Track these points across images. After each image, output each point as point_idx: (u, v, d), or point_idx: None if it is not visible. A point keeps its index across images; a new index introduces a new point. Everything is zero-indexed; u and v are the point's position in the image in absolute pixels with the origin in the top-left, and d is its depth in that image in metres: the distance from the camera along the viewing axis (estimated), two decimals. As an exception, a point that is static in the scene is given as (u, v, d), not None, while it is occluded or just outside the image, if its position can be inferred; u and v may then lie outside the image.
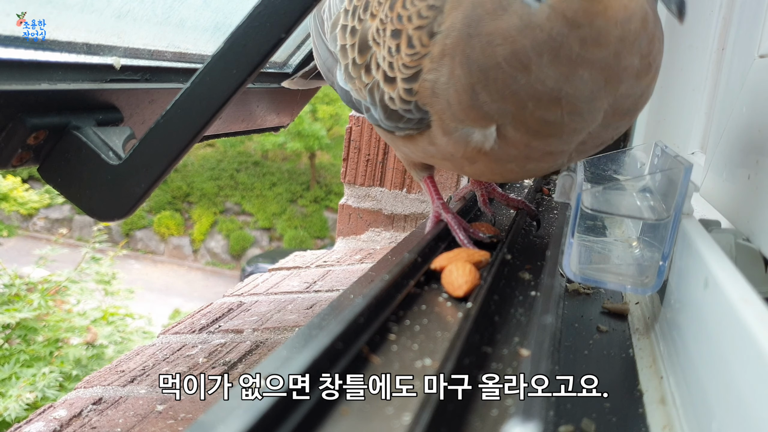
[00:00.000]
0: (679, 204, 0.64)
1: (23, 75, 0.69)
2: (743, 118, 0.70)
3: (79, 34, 0.80)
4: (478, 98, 0.61)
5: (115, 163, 0.71)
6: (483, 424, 0.40)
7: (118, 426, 0.76)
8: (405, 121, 0.69)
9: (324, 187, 11.66)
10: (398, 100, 0.68)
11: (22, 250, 6.21)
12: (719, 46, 0.98)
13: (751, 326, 0.38)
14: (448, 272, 0.64)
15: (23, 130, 0.67)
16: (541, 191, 1.22)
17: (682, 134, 1.08)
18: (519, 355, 0.49)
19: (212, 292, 8.37)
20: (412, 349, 0.47)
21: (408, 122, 0.69)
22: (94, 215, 0.73)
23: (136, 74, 0.86)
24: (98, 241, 4.05)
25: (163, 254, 10.61)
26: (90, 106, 0.76)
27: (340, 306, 0.50)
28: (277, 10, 0.66)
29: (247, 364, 0.93)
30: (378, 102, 0.71)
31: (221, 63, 0.68)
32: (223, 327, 1.09)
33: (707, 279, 0.49)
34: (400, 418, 0.37)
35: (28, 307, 3.21)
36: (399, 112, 0.68)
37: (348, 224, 1.70)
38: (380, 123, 0.74)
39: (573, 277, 0.69)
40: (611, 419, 0.51)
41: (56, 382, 2.81)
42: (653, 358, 0.63)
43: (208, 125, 0.70)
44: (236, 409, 0.33)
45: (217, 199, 11.23)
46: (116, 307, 3.84)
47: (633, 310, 0.77)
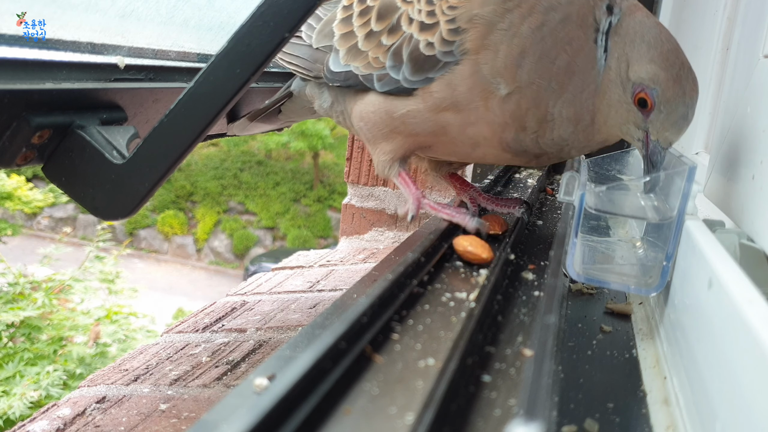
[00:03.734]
0: (683, 204, 0.64)
1: (27, 74, 0.69)
2: (747, 118, 0.70)
3: (83, 33, 0.80)
4: (523, 61, 0.69)
5: (119, 162, 0.71)
6: (486, 424, 0.40)
7: (121, 425, 0.76)
8: (439, 68, 0.74)
9: (327, 186, 11.67)
10: (439, 42, 0.73)
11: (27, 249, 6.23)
12: (724, 46, 0.97)
13: (755, 326, 0.38)
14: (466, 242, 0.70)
15: (27, 129, 0.67)
16: (544, 191, 1.22)
17: (686, 134, 1.08)
18: (522, 355, 0.49)
19: (215, 291, 8.38)
20: (415, 348, 0.47)
21: (442, 68, 0.74)
22: (98, 214, 0.74)
23: (140, 73, 0.87)
24: (102, 240, 4.05)
25: (167, 253, 10.63)
26: (94, 105, 0.76)
27: (343, 305, 0.50)
28: (281, 9, 0.66)
29: (251, 363, 0.94)
30: (407, 56, 0.77)
31: (225, 62, 0.68)
32: (227, 326, 1.09)
33: (711, 279, 0.49)
34: (403, 418, 0.37)
35: (32, 306, 3.22)
36: (437, 56, 0.74)
37: (351, 224, 1.70)
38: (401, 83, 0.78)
39: (576, 277, 0.69)
40: (614, 419, 0.51)
41: (60, 381, 2.81)
42: (657, 359, 0.63)
43: (212, 124, 0.70)
44: (239, 408, 0.33)
45: (220, 198, 11.24)
46: (120, 305, 3.84)
47: (636, 310, 0.77)
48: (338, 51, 0.85)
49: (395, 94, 0.79)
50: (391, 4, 0.80)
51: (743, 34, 0.82)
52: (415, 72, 0.76)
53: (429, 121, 0.78)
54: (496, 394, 0.43)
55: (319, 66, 0.89)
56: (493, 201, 0.91)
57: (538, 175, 1.32)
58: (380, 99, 0.81)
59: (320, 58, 0.89)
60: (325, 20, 0.89)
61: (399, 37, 0.78)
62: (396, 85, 0.79)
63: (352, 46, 0.83)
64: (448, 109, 0.75)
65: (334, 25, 0.87)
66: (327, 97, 0.92)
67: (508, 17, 0.70)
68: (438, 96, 0.75)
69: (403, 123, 0.80)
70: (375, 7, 0.82)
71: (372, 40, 0.81)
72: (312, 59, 0.90)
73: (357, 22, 0.83)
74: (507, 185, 1.22)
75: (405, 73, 0.77)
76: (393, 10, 0.80)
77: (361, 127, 0.85)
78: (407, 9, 0.78)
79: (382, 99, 0.81)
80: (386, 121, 0.81)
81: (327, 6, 0.92)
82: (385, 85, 0.80)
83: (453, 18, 0.72)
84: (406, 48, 0.77)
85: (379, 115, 0.82)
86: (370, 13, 0.82)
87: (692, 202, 0.65)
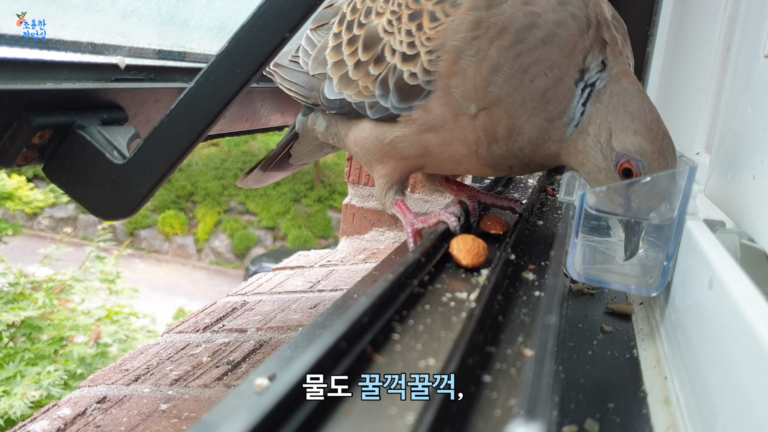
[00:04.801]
0: (684, 204, 0.64)
1: (28, 74, 0.70)
2: (748, 118, 0.70)
3: (84, 33, 0.80)
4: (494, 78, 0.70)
5: (120, 162, 0.71)
6: (486, 424, 0.40)
7: (122, 425, 0.76)
8: (424, 96, 0.76)
9: (328, 186, 11.66)
10: (422, 72, 0.75)
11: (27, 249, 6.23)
12: (724, 46, 0.97)
13: (756, 327, 0.38)
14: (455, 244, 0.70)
15: (28, 129, 0.67)
16: (545, 191, 1.22)
17: (686, 134, 1.08)
18: (523, 355, 0.49)
19: (216, 291, 8.37)
20: (415, 348, 0.47)
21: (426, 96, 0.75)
22: (99, 214, 0.74)
23: (141, 74, 0.87)
24: (103, 240, 4.05)
25: (167, 253, 10.62)
26: (95, 105, 0.76)
27: (343, 305, 0.50)
28: (282, 9, 0.66)
29: (251, 363, 0.94)
30: (393, 85, 0.78)
31: (225, 62, 0.68)
32: (227, 326, 1.09)
33: (712, 279, 0.49)
34: (404, 418, 0.37)
35: (32, 306, 3.21)
36: (420, 85, 0.75)
37: (352, 224, 1.70)
38: (390, 110, 0.80)
39: (577, 277, 0.69)
40: (615, 419, 0.51)
41: (61, 381, 2.81)
42: (657, 359, 0.63)
43: (213, 124, 0.70)
44: (240, 408, 0.33)
45: (221, 198, 11.23)
46: (120, 306, 3.84)
47: (637, 310, 0.77)
48: (332, 79, 0.87)
49: (384, 121, 0.82)
50: (374, 34, 0.81)
51: (744, 34, 0.82)
52: (401, 100, 0.78)
53: (414, 143, 0.80)
54: (496, 394, 0.43)
55: (316, 94, 0.91)
56: (492, 197, 0.92)
57: (538, 175, 1.32)
58: (371, 126, 0.84)
59: (316, 86, 0.91)
60: (318, 47, 0.91)
61: (384, 68, 0.80)
62: (386, 113, 0.81)
63: (344, 75, 0.85)
64: (428, 131, 0.78)
65: (327, 53, 0.88)
66: (322, 121, 0.95)
67: (475, 44, 0.71)
68: (418, 121, 0.78)
69: (393, 147, 0.82)
70: (361, 36, 0.83)
71: (361, 69, 0.83)
72: (309, 86, 0.92)
73: (346, 50, 0.85)
74: (507, 185, 1.22)
75: (393, 101, 0.79)
76: (377, 41, 0.81)
77: (357, 152, 0.88)
78: (389, 40, 0.80)
79: (373, 125, 0.84)
80: (377, 147, 0.84)
81: (321, 32, 0.93)
82: (376, 113, 0.82)
83: (431, 49, 0.74)
84: (392, 78, 0.79)
85: (371, 141, 0.84)
86: (357, 42, 0.84)
87: (693, 202, 0.65)
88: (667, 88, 1.36)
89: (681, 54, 1.24)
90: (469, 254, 0.68)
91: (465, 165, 0.82)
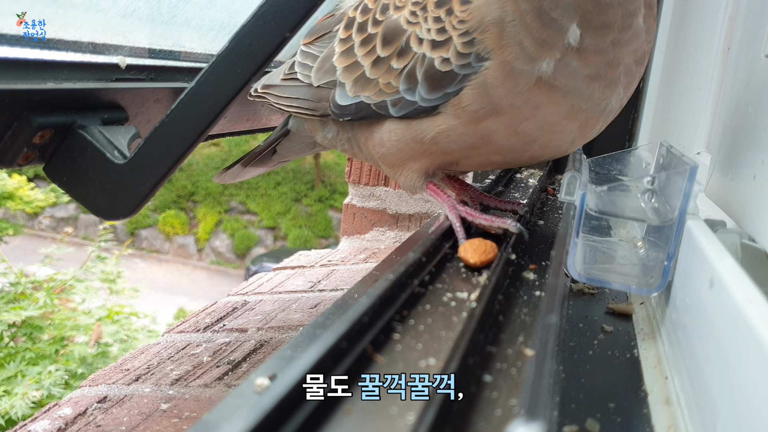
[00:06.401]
0: (684, 204, 0.64)
1: (29, 74, 0.70)
2: (749, 117, 0.70)
3: (85, 33, 0.80)
4: (550, 16, 0.68)
5: (121, 162, 0.71)
6: (487, 423, 0.40)
7: (122, 424, 0.76)
8: (458, 82, 0.73)
9: (329, 186, 11.67)
10: (455, 57, 0.73)
11: (28, 249, 6.24)
12: (725, 45, 0.97)
13: (757, 327, 0.38)
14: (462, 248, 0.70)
15: (29, 129, 0.67)
16: (545, 191, 1.22)
17: (687, 134, 1.08)
18: (523, 355, 0.49)
19: (217, 291, 8.38)
20: (416, 348, 0.47)
21: (461, 82, 0.73)
22: (100, 214, 0.74)
23: (142, 73, 0.87)
24: (103, 240, 4.05)
25: (168, 253, 10.63)
26: (95, 105, 0.76)
27: (344, 305, 0.50)
28: (282, 9, 0.66)
29: (252, 363, 0.94)
30: (422, 75, 0.76)
31: (226, 62, 0.68)
32: (228, 326, 1.09)
33: (712, 279, 0.49)
34: (404, 418, 0.37)
35: (33, 306, 3.22)
36: (454, 70, 0.73)
37: (352, 224, 1.70)
38: (419, 103, 0.77)
39: (578, 277, 0.69)
40: (616, 419, 0.51)
41: (62, 380, 2.82)
42: (658, 359, 0.63)
43: (213, 124, 0.70)
44: (240, 407, 0.33)
45: (221, 198, 11.24)
46: (121, 305, 3.84)
47: (638, 310, 0.76)
48: (344, 84, 0.84)
49: (414, 117, 0.79)
50: (397, 27, 0.79)
51: (744, 33, 0.82)
52: (432, 90, 0.76)
53: (466, 135, 0.76)
54: (497, 394, 0.43)
55: (324, 104, 0.88)
56: (495, 200, 0.92)
57: (539, 174, 1.32)
58: (401, 126, 0.80)
59: (324, 96, 0.88)
60: (322, 57, 0.89)
61: (411, 59, 0.78)
62: (413, 107, 0.78)
63: (359, 77, 0.83)
64: (488, 116, 0.74)
65: (335, 60, 0.86)
66: (331, 127, 0.92)
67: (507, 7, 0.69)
68: (473, 108, 0.74)
69: (435, 143, 0.79)
70: (378, 33, 0.81)
71: (380, 66, 0.81)
72: (315, 98, 0.89)
73: (360, 51, 0.83)
74: (508, 185, 1.22)
75: (421, 93, 0.77)
76: (400, 33, 0.79)
77: (383, 153, 0.84)
78: (414, 30, 0.78)
79: (404, 126, 0.80)
80: (412, 146, 0.80)
81: (320, 44, 0.91)
82: (401, 109, 0.79)
83: (465, 30, 0.72)
84: (420, 68, 0.77)
85: (404, 142, 0.81)
86: (374, 40, 0.82)
87: (693, 202, 0.65)
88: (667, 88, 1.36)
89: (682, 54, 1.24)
90: (476, 253, 0.69)
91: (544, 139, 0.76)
